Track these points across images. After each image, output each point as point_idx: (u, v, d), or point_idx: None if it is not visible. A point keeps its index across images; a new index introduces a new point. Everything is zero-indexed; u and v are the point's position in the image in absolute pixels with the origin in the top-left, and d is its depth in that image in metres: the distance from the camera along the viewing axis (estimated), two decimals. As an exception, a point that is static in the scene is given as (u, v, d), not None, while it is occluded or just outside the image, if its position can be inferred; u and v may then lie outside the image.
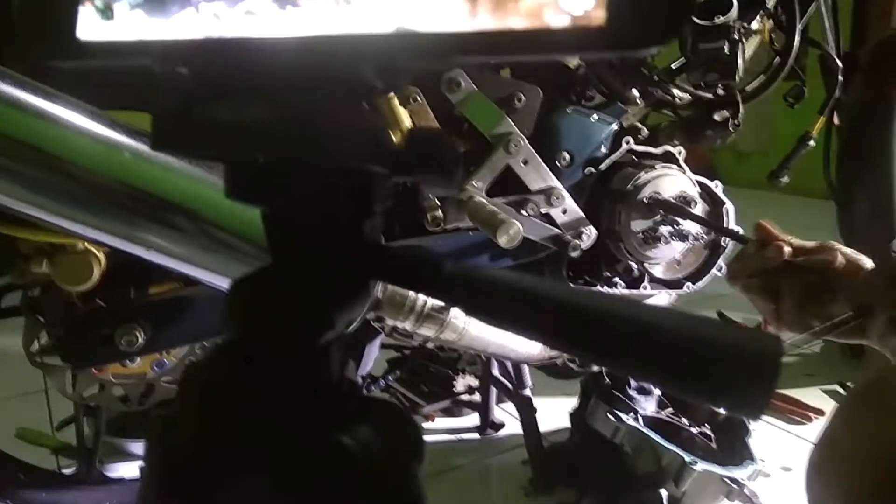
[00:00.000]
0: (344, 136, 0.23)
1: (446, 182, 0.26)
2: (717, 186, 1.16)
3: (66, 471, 1.18)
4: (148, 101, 0.23)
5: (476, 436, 1.49)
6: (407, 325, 0.99)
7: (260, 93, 0.22)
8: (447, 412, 1.53)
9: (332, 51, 0.22)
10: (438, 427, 1.51)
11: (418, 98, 0.98)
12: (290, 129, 0.22)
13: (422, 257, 0.26)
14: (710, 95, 1.15)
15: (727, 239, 1.17)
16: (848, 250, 0.75)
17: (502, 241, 0.94)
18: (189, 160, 0.74)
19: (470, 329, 1.04)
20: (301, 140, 0.22)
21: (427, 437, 1.49)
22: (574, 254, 1.08)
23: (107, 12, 0.24)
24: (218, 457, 0.24)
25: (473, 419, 1.52)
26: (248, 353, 0.23)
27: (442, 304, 0.97)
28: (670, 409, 1.24)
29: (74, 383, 1.03)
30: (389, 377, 1.40)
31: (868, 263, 0.73)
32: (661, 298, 1.23)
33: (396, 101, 0.96)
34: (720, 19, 1.08)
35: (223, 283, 0.85)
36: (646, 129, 1.17)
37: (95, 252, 0.89)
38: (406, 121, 0.97)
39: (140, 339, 0.94)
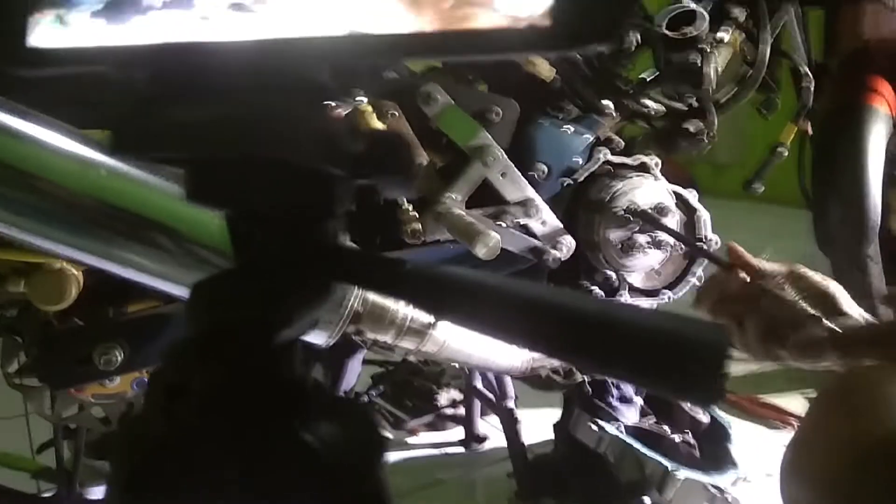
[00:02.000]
0: (302, 138, 0.23)
1: (404, 184, 0.27)
2: (692, 195, 1.18)
3: (46, 494, 1.17)
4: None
5: (461, 449, 1.49)
6: (387, 339, 0.99)
7: (216, 95, 0.22)
8: (431, 426, 1.52)
9: (286, 53, 0.22)
10: (423, 442, 1.50)
11: (395, 112, 0.99)
12: (247, 130, 0.22)
13: (381, 257, 0.26)
14: (683, 106, 1.17)
15: (706, 247, 1.18)
16: (813, 275, 0.73)
17: (480, 252, 0.95)
18: (147, 163, 0.74)
19: (451, 342, 1.04)
20: (258, 141, 0.23)
21: (412, 453, 1.49)
22: (552, 264, 1.09)
23: (62, 19, 0.24)
24: (183, 456, 0.24)
25: (458, 433, 1.52)
26: (209, 352, 0.23)
27: (423, 317, 0.97)
28: (653, 418, 1.24)
29: (53, 404, 1.01)
30: (373, 392, 1.40)
31: (833, 287, 0.71)
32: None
33: (375, 116, 0.97)
34: (691, 32, 1.11)
35: (201, 299, 0.84)
36: (621, 141, 1.18)
37: (73, 271, 0.88)
38: (383, 135, 0.98)
39: (119, 358, 0.93)
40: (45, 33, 0.25)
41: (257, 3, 0.23)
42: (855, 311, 0.69)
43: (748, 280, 0.74)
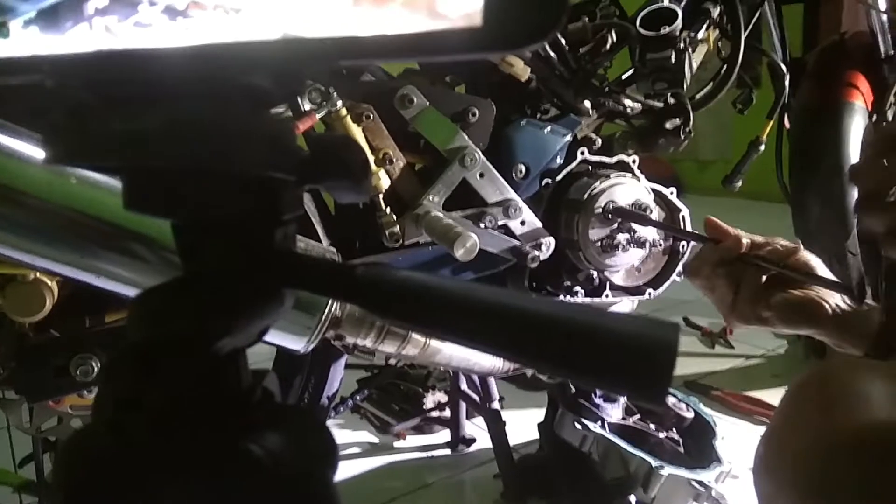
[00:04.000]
0: (244, 144, 0.23)
1: (355, 188, 0.26)
2: (671, 193, 1.18)
3: (28, 508, 1.15)
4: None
5: (448, 452, 1.48)
6: (368, 343, 0.99)
7: (153, 102, 0.22)
8: (418, 430, 1.52)
9: (223, 58, 0.22)
10: (410, 445, 1.50)
11: (371, 115, 0.99)
12: (186, 137, 0.22)
13: (333, 263, 0.26)
14: (660, 104, 1.17)
15: (685, 244, 1.19)
16: (786, 242, 0.79)
17: (459, 253, 0.95)
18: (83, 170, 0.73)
19: (432, 343, 1.04)
20: (198, 149, 0.22)
21: (399, 456, 1.49)
22: (533, 264, 1.09)
23: (1, 30, 0.24)
24: (130, 470, 0.23)
25: (445, 436, 1.51)
26: (151, 363, 0.23)
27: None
28: (637, 416, 1.24)
29: (32, 417, 1.00)
30: (358, 397, 1.39)
31: (811, 259, 0.76)
32: (624, 305, 1.24)
33: (349, 119, 0.97)
34: (666, 30, 1.11)
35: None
36: (600, 140, 1.19)
37: (47, 281, 0.88)
38: (360, 138, 0.98)
39: (96, 369, 0.92)
40: (-14, 43, 0.24)
41: (194, 8, 0.23)
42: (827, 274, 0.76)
43: (743, 243, 0.79)
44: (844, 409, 0.48)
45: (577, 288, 1.16)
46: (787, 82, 1.28)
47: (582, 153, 1.14)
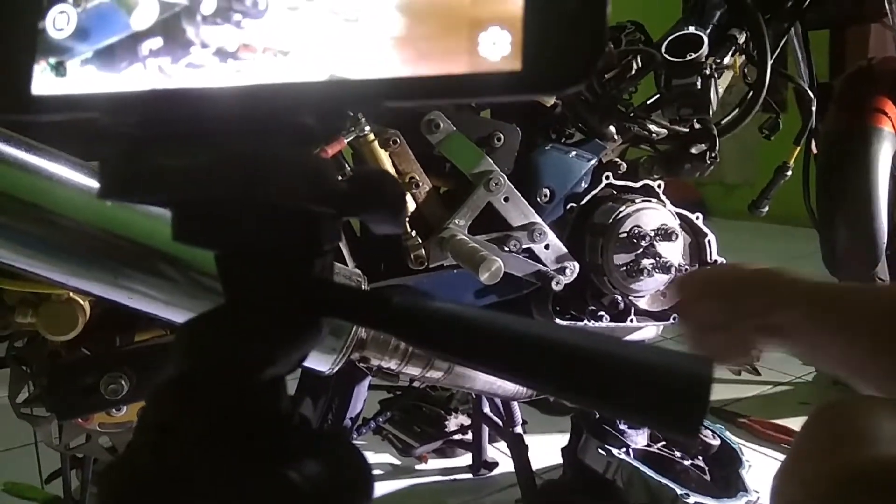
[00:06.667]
0: (288, 179, 0.24)
1: (392, 220, 0.27)
2: (697, 218, 1.18)
3: (54, 524, 1.17)
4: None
5: (469, 476, 1.48)
6: (392, 365, 0.99)
7: (204, 140, 0.23)
8: (440, 452, 1.52)
9: (272, 98, 0.23)
10: (432, 468, 1.50)
11: (398, 140, 1.00)
12: (235, 173, 0.23)
13: (370, 293, 0.26)
14: (686, 129, 1.17)
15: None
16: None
17: (484, 277, 0.95)
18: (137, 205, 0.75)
19: (456, 367, 1.04)
20: (245, 183, 0.23)
21: (420, 479, 1.48)
22: (557, 288, 1.09)
23: (59, 69, 0.25)
24: (171, 495, 0.24)
25: (467, 459, 1.51)
26: (195, 390, 0.24)
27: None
28: (662, 442, 1.23)
29: (61, 434, 1.02)
30: (380, 418, 1.39)
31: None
32: (649, 331, 1.23)
33: (377, 144, 0.98)
34: (692, 56, 1.11)
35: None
36: (625, 164, 1.19)
37: (80, 301, 0.89)
38: (387, 163, 0.99)
39: (125, 388, 0.94)
40: (45, 81, 0.26)
41: (244, 51, 0.24)
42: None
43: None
44: (854, 446, 0.48)
45: (602, 312, 1.15)
46: (813, 108, 1.28)
47: (607, 177, 1.14)
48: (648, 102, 1.20)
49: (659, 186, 1.16)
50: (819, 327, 0.62)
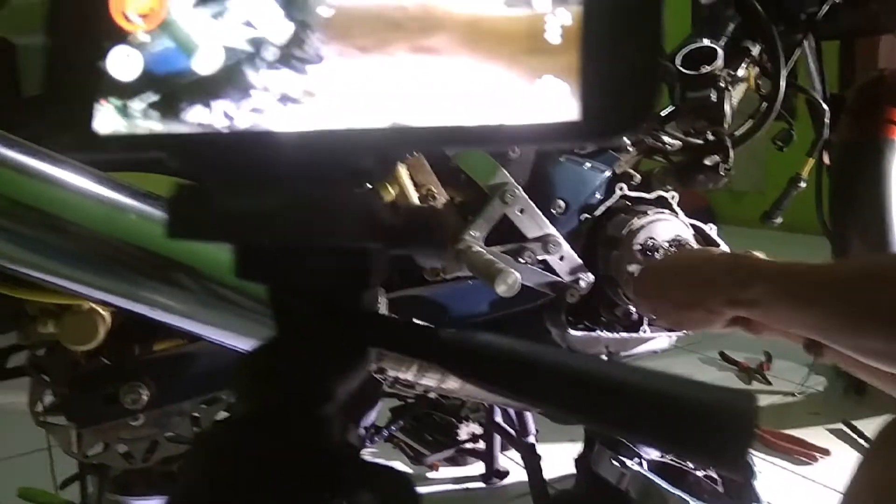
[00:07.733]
0: (345, 219, 0.25)
1: (437, 254, 0.28)
2: (710, 229, 1.18)
3: (70, 530, 1.17)
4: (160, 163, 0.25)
5: (481, 485, 1.48)
6: (409, 376, 1.00)
7: (268, 183, 0.24)
8: (452, 461, 1.52)
9: (334, 144, 0.24)
10: (443, 477, 1.50)
11: (415, 152, 1.01)
12: (297, 214, 0.24)
13: (418, 325, 0.27)
14: (700, 141, 1.18)
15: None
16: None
17: (500, 289, 0.95)
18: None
19: (471, 378, 1.04)
20: (306, 224, 0.24)
21: (432, 487, 1.48)
22: (571, 299, 1.10)
23: (123, 109, 0.26)
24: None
25: (478, 468, 1.51)
26: (256, 424, 0.24)
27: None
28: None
29: (80, 442, 1.03)
30: (393, 427, 1.40)
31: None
32: (661, 341, 1.24)
33: (394, 156, 0.99)
34: (706, 69, 1.12)
35: (226, 340, 0.86)
36: (638, 176, 1.19)
37: (101, 311, 0.90)
38: (404, 175, 1.00)
39: (144, 397, 0.94)
40: (108, 119, 0.26)
41: (306, 96, 0.24)
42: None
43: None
44: None
45: (615, 323, 1.16)
46: (827, 119, 1.28)
47: (621, 189, 1.15)
48: (663, 114, 1.20)
49: (673, 198, 1.17)
50: (794, 297, 0.66)
